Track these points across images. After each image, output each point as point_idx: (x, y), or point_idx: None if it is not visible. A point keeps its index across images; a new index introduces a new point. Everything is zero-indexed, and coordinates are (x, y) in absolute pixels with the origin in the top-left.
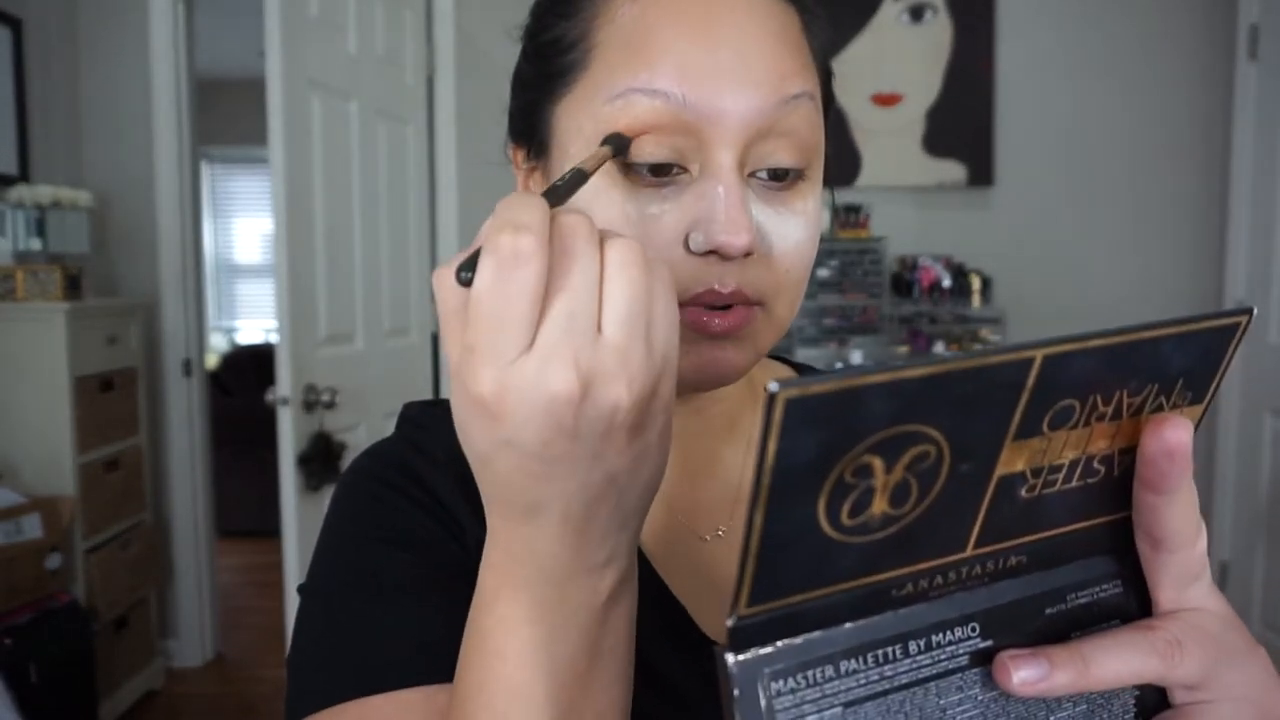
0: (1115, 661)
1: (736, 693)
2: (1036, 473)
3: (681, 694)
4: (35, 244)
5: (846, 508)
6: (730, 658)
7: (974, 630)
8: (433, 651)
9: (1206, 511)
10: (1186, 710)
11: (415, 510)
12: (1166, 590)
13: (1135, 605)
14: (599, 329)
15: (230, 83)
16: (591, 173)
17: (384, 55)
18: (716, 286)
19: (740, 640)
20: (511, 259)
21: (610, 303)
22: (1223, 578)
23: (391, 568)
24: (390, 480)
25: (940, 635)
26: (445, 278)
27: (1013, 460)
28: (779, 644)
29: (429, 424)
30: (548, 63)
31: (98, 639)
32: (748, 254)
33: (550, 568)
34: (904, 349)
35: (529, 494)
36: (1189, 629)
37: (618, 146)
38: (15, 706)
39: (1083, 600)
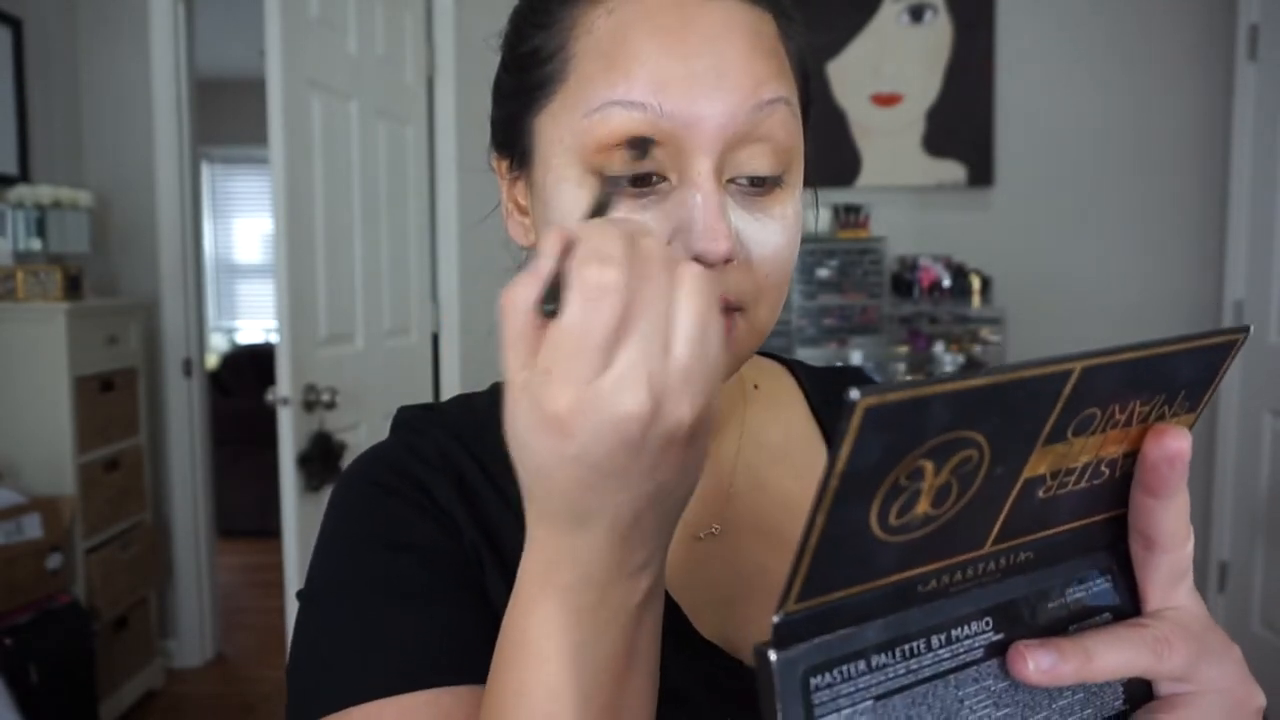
0: (1113, 654)
1: (779, 688)
2: (1055, 475)
3: (677, 693)
4: (35, 244)
5: (895, 509)
6: (774, 654)
7: (988, 624)
8: (436, 656)
9: (1206, 511)
10: (1173, 699)
11: (414, 514)
12: (1155, 589)
13: (1121, 599)
14: (669, 348)
15: (230, 83)
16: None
17: (384, 56)
18: None
19: (784, 636)
20: (598, 292)
21: (680, 324)
22: (1222, 578)
23: (393, 573)
24: (388, 484)
25: (960, 629)
26: (518, 301)
27: (1038, 464)
28: (816, 640)
29: (424, 428)
30: (527, 74)
31: (98, 639)
32: (727, 260)
33: (593, 572)
34: (904, 349)
35: (582, 504)
36: (1175, 627)
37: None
38: (15, 706)
39: (1078, 595)
